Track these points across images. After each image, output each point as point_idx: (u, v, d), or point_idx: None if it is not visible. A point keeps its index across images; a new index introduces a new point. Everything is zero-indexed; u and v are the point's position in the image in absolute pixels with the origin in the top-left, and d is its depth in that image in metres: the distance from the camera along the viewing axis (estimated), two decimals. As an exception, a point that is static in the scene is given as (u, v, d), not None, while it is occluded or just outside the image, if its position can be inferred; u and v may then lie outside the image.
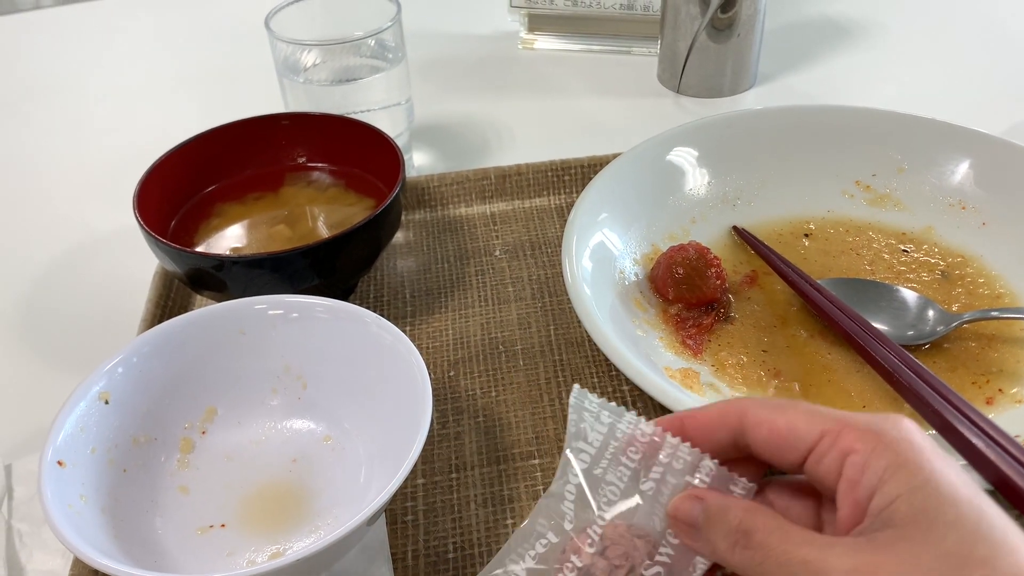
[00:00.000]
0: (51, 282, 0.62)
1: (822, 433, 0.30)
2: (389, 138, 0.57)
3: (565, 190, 0.65)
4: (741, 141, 0.61)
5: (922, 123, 0.60)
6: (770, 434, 0.31)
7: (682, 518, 0.31)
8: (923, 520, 0.26)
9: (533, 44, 0.89)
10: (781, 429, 0.31)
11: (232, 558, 0.40)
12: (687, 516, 0.31)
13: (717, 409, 0.32)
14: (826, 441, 0.29)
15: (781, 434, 0.30)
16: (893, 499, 0.27)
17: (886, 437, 0.28)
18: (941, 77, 0.82)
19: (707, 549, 0.31)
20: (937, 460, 0.28)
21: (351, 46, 0.63)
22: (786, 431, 0.30)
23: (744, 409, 0.32)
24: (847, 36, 0.89)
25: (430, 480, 0.46)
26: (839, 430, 0.29)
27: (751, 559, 0.29)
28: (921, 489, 0.27)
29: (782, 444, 0.31)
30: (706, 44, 0.76)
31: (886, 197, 0.60)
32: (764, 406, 0.31)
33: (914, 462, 0.28)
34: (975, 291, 0.54)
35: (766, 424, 0.31)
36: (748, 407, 0.32)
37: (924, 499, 0.27)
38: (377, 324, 0.45)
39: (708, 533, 0.30)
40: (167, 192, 0.56)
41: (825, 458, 0.29)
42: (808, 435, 0.30)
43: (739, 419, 0.32)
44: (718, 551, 0.30)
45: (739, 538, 0.29)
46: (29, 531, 0.44)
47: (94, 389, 0.42)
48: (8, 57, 0.95)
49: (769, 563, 0.29)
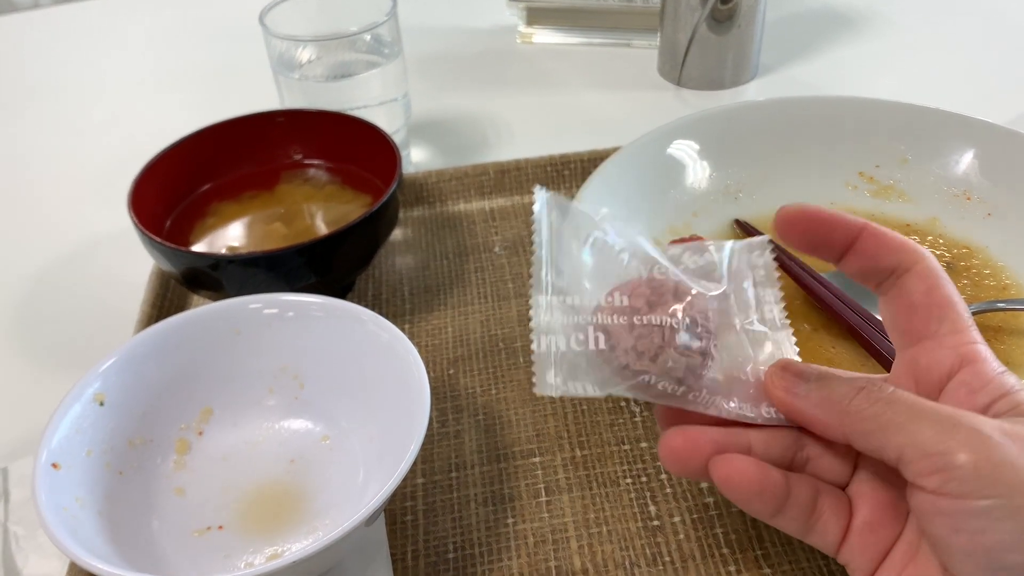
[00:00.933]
0: (46, 283, 0.62)
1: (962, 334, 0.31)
2: (386, 134, 0.56)
3: (565, 185, 0.65)
4: (743, 133, 0.61)
5: (926, 113, 0.59)
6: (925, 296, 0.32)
7: (794, 370, 0.32)
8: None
9: (532, 38, 0.89)
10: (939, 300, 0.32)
11: (229, 560, 0.40)
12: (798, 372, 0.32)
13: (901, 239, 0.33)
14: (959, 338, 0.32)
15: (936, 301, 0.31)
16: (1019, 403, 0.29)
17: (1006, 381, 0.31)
18: (945, 66, 0.81)
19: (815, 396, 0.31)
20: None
21: (346, 42, 0.63)
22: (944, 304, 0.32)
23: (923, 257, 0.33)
24: (849, 26, 0.89)
25: (430, 479, 0.45)
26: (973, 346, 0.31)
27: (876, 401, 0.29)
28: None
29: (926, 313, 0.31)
30: (706, 36, 0.75)
31: (890, 188, 0.59)
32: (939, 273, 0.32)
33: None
34: (981, 282, 0.53)
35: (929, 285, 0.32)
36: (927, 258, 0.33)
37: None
38: (374, 322, 0.44)
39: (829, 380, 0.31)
40: (162, 191, 0.55)
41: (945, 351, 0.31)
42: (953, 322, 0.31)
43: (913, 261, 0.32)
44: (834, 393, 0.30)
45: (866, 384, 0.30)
46: (25, 534, 0.44)
47: (89, 391, 0.42)
48: (2, 57, 0.95)
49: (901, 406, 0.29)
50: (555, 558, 0.41)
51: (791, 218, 0.34)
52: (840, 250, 0.34)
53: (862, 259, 0.33)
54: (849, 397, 0.30)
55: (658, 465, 0.45)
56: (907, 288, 0.32)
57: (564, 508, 0.43)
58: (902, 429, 0.28)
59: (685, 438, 0.32)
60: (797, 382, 0.31)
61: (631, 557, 0.41)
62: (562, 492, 0.44)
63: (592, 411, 0.48)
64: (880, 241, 0.33)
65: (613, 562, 0.41)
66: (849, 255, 0.33)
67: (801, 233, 0.34)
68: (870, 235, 0.33)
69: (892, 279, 0.33)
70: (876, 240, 0.33)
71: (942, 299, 0.32)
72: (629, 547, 0.41)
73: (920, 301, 0.32)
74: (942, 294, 0.32)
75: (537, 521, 0.43)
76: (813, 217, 0.33)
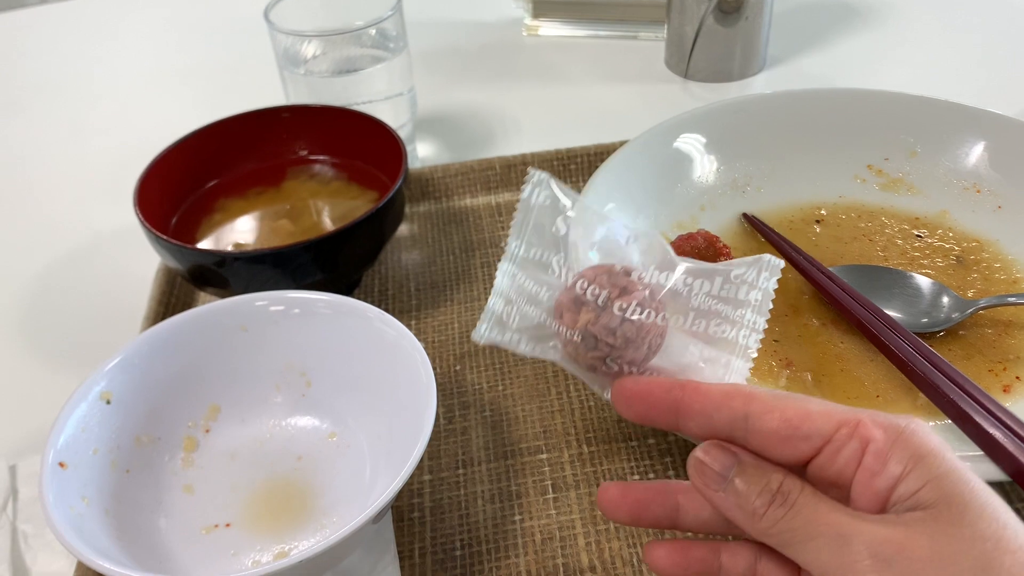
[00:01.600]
0: (52, 281, 0.62)
1: (839, 424, 0.29)
2: (392, 129, 0.56)
3: (571, 179, 0.64)
4: (750, 126, 0.60)
5: (935, 105, 0.59)
6: (781, 423, 0.30)
7: (711, 464, 0.31)
8: (954, 504, 0.27)
9: (538, 30, 0.88)
10: (793, 419, 0.30)
11: (237, 558, 0.40)
12: (720, 464, 0.31)
13: (722, 388, 0.31)
14: (844, 431, 0.29)
15: (793, 424, 0.30)
16: (920, 486, 0.27)
17: (905, 430, 0.28)
18: (954, 58, 0.81)
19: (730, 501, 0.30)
20: (952, 454, 0.28)
21: (352, 36, 0.62)
22: (799, 421, 0.30)
23: (752, 395, 0.31)
24: (858, 17, 0.88)
25: (436, 476, 0.45)
26: (856, 422, 0.29)
27: (781, 517, 0.29)
28: (947, 476, 0.27)
29: (793, 434, 0.30)
30: (714, 28, 0.75)
31: (899, 181, 0.59)
32: (773, 395, 0.31)
33: (936, 452, 0.28)
34: (991, 276, 0.53)
35: (777, 412, 0.30)
36: (757, 393, 0.31)
37: (951, 484, 0.27)
38: (380, 319, 0.44)
39: (742, 487, 0.30)
40: (168, 188, 0.55)
41: (844, 448, 0.29)
42: (824, 425, 0.29)
43: (745, 404, 0.30)
44: (748, 506, 0.30)
45: (775, 495, 0.29)
46: (34, 533, 0.44)
47: (95, 389, 0.42)
48: (7, 54, 0.95)
49: (798, 521, 0.29)
50: (563, 555, 0.41)
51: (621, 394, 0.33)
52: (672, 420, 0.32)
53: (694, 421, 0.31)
54: (762, 510, 0.29)
55: (666, 461, 0.45)
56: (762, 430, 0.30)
57: (572, 505, 0.43)
58: (801, 547, 0.29)
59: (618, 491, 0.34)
60: (716, 479, 0.31)
61: (638, 554, 0.41)
62: (569, 489, 0.44)
63: (599, 407, 0.48)
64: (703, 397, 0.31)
65: (621, 559, 0.41)
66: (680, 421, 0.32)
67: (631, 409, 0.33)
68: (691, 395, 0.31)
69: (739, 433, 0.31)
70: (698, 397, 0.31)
71: (796, 415, 0.30)
72: (637, 544, 0.41)
73: (782, 430, 0.30)
74: (793, 411, 0.30)
75: (544, 518, 0.43)
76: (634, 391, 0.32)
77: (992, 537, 0.26)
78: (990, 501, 0.27)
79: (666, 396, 0.32)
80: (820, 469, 0.30)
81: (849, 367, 0.48)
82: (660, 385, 0.32)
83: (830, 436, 0.29)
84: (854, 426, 0.29)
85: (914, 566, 0.26)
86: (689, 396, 0.31)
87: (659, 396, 0.32)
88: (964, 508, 0.27)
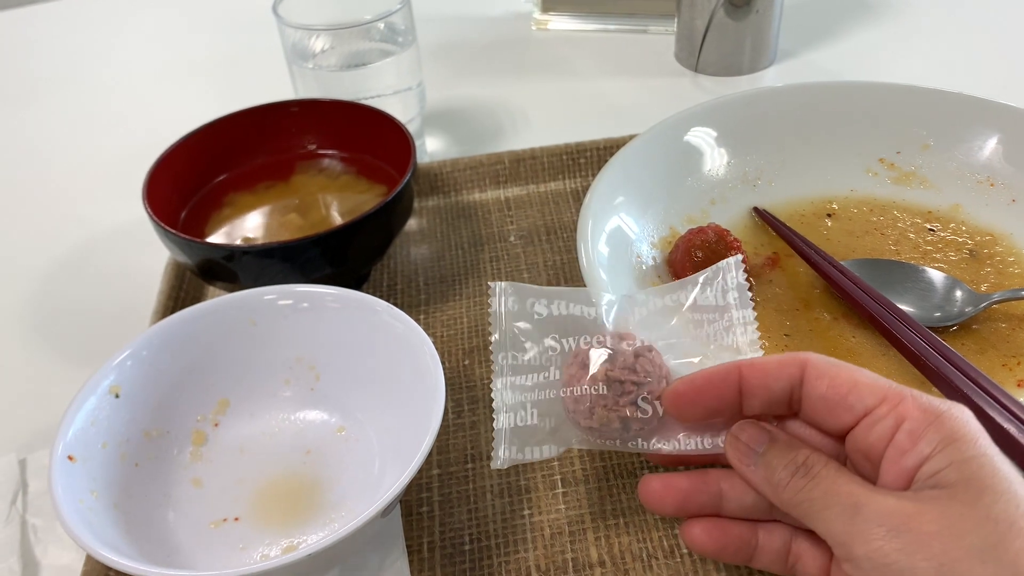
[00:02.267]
0: (62, 275, 0.62)
1: (883, 398, 0.30)
2: (400, 124, 0.56)
3: (580, 173, 0.64)
4: (761, 120, 0.60)
5: (947, 97, 0.58)
6: (830, 389, 0.31)
7: (746, 440, 0.32)
8: (973, 486, 0.27)
9: (547, 24, 0.88)
10: (843, 385, 0.31)
11: (246, 552, 0.40)
12: (753, 439, 0.32)
13: (777, 359, 0.33)
14: (885, 407, 0.30)
15: (841, 391, 0.31)
16: (945, 466, 0.28)
17: (944, 414, 0.29)
18: (967, 50, 0.80)
19: (760, 474, 0.32)
20: (989, 441, 0.29)
21: (360, 30, 0.62)
22: (847, 389, 0.31)
23: (807, 359, 0.32)
24: (869, 10, 0.87)
25: (445, 470, 0.45)
26: (899, 399, 0.30)
27: (802, 487, 0.30)
28: (974, 460, 0.28)
29: (840, 402, 0.31)
30: (724, 21, 0.75)
31: (911, 175, 0.58)
32: (827, 361, 0.32)
33: (969, 436, 0.29)
34: (1005, 270, 0.52)
35: (828, 378, 0.31)
36: (812, 358, 0.32)
37: (977, 468, 0.28)
38: (388, 313, 0.44)
39: (771, 459, 0.31)
40: (177, 183, 0.55)
41: (880, 423, 0.30)
42: (869, 397, 0.30)
43: (800, 369, 0.32)
44: (774, 477, 0.31)
45: (801, 468, 0.31)
46: (44, 526, 0.44)
47: (104, 383, 0.42)
48: (17, 49, 0.95)
49: (817, 491, 0.30)
50: (572, 550, 0.41)
51: (677, 397, 0.34)
52: (733, 402, 0.33)
53: (756, 396, 0.33)
54: (786, 481, 0.31)
55: (676, 456, 0.44)
56: (812, 395, 0.32)
57: (581, 499, 0.43)
58: (818, 517, 0.30)
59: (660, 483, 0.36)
60: (749, 453, 0.32)
61: (648, 549, 0.40)
62: (579, 483, 0.44)
63: (609, 402, 0.47)
64: (760, 371, 0.33)
65: (631, 554, 0.40)
66: (744, 400, 0.33)
67: (691, 406, 0.34)
68: (748, 372, 0.33)
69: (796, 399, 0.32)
70: (756, 372, 0.33)
71: (844, 384, 0.31)
72: (647, 539, 0.41)
73: (829, 396, 0.31)
74: (843, 379, 0.31)
75: (554, 512, 0.42)
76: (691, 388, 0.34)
77: (1006, 520, 0.26)
78: (1014, 488, 0.27)
79: (727, 381, 0.33)
80: (856, 440, 0.31)
81: (862, 362, 0.47)
82: (715, 374, 0.33)
83: (871, 408, 0.30)
84: (895, 403, 0.30)
85: (921, 539, 0.27)
86: (748, 372, 0.33)
87: (720, 383, 0.33)
88: (982, 491, 0.27)
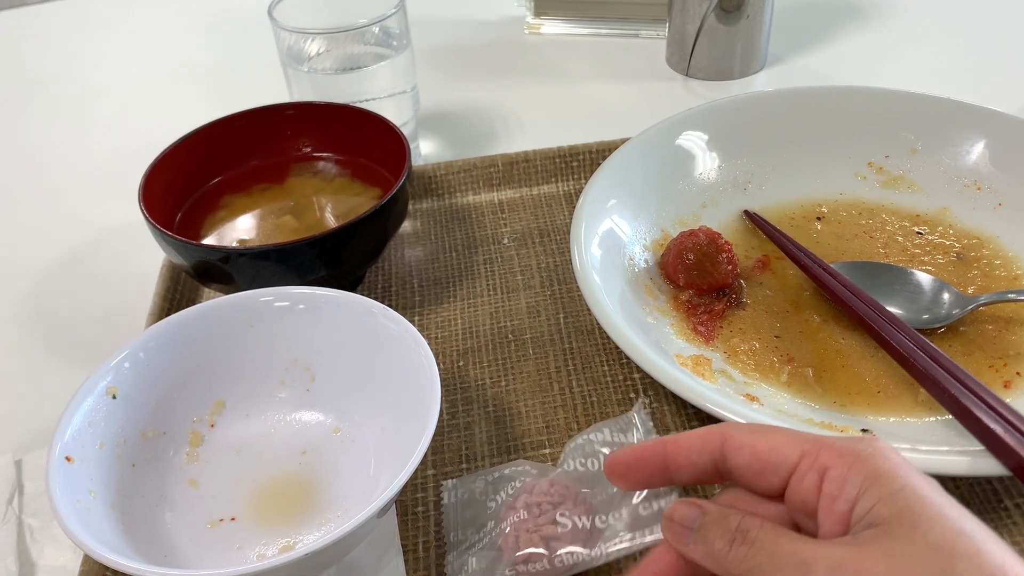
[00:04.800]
0: (58, 277, 0.62)
1: (802, 454, 0.31)
2: (395, 127, 0.56)
3: (573, 176, 0.65)
4: (751, 124, 0.61)
5: (935, 102, 0.59)
6: (752, 457, 0.32)
7: (679, 520, 0.33)
8: (906, 518, 0.28)
9: (540, 29, 0.88)
10: (762, 452, 0.32)
11: (242, 552, 0.40)
12: (685, 518, 0.33)
13: (699, 434, 0.34)
14: (806, 461, 0.31)
15: (762, 457, 0.32)
16: (874, 503, 0.29)
17: (862, 454, 0.30)
18: (955, 55, 0.81)
19: (700, 549, 0.32)
20: (911, 470, 0.29)
21: (355, 34, 0.63)
22: (767, 454, 0.32)
23: (726, 433, 0.33)
24: (858, 15, 0.88)
25: (440, 471, 0.45)
26: (817, 450, 0.31)
27: (745, 554, 0.30)
28: (900, 492, 0.28)
29: (763, 467, 0.32)
30: (715, 26, 0.75)
31: (900, 179, 0.59)
32: (745, 430, 0.33)
33: (890, 471, 0.29)
34: (991, 273, 0.53)
35: (747, 447, 0.32)
36: (730, 431, 0.33)
37: (904, 500, 0.28)
38: (384, 315, 0.44)
39: (707, 533, 0.32)
40: (173, 185, 0.55)
41: (806, 477, 0.31)
42: (789, 457, 0.31)
43: (720, 443, 0.33)
44: (714, 550, 0.31)
45: (737, 536, 0.31)
46: (40, 526, 0.44)
47: (101, 384, 0.42)
48: (12, 51, 0.95)
49: (762, 556, 0.30)
50: (565, 549, 0.41)
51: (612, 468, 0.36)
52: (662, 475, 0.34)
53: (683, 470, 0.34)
54: (726, 551, 0.31)
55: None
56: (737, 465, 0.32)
57: (574, 499, 0.43)
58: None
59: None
60: (684, 532, 0.32)
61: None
62: (572, 483, 0.44)
63: (602, 403, 0.48)
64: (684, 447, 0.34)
65: (623, 553, 0.41)
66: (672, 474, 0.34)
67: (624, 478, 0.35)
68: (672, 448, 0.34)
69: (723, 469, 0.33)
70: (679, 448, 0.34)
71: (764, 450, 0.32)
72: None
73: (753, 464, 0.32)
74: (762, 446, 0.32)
75: (547, 512, 0.43)
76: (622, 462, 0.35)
77: (946, 547, 0.27)
78: (944, 512, 0.28)
79: (654, 456, 0.34)
80: (792, 498, 0.31)
81: (850, 363, 0.48)
82: (644, 448, 0.35)
83: (795, 466, 0.31)
84: (815, 455, 0.31)
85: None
86: (671, 449, 0.34)
87: (649, 459, 0.34)
88: (916, 521, 0.27)
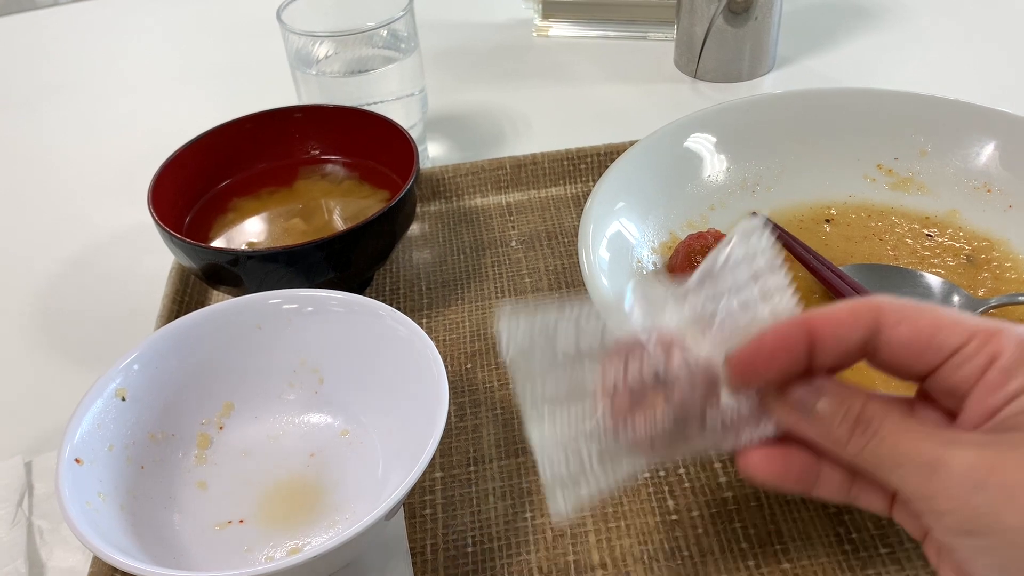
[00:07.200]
0: (68, 279, 0.62)
1: (971, 335, 0.28)
2: (403, 129, 0.56)
3: (581, 179, 0.65)
4: (760, 126, 0.60)
5: (945, 104, 0.58)
6: (912, 334, 0.29)
7: (797, 397, 0.30)
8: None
9: (547, 31, 0.88)
10: (925, 329, 0.29)
11: (250, 554, 0.40)
12: (803, 392, 0.30)
13: (846, 308, 0.30)
14: (974, 344, 0.28)
15: (924, 335, 0.29)
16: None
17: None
18: (965, 57, 0.81)
19: (818, 430, 0.30)
20: None
21: (363, 37, 0.63)
22: (930, 331, 0.29)
23: (880, 306, 0.29)
24: (867, 16, 0.88)
25: (448, 473, 0.45)
26: (991, 335, 0.28)
27: (866, 445, 0.29)
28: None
29: (924, 346, 0.29)
30: (723, 28, 0.75)
31: (909, 181, 0.59)
32: (899, 306, 0.29)
33: None
34: (1002, 275, 0.52)
35: (908, 323, 0.29)
36: (885, 304, 0.30)
37: None
38: (392, 317, 0.44)
39: (826, 412, 0.30)
40: (182, 187, 0.56)
41: (969, 362, 0.28)
42: (954, 337, 0.28)
43: (874, 317, 0.29)
44: (833, 434, 0.29)
45: (859, 424, 0.29)
46: (49, 528, 0.45)
47: (111, 386, 0.42)
48: (23, 55, 0.95)
49: (884, 448, 0.28)
50: (574, 552, 0.41)
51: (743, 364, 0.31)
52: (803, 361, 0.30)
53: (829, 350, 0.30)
54: (846, 437, 0.29)
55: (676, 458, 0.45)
56: (892, 342, 0.29)
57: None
58: (891, 475, 0.29)
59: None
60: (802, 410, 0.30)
61: (649, 552, 0.41)
62: (580, 486, 0.44)
63: (610, 405, 0.48)
64: (832, 322, 0.30)
65: (632, 556, 0.41)
66: (816, 356, 0.30)
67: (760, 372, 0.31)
68: (820, 324, 0.30)
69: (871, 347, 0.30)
70: (828, 323, 0.30)
71: (927, 326, 0.29)
72: (648, 541, 0.41)
73: (913, 342, 0.29)
74: (925, 322, 0.29)
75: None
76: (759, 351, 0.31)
77: None
78: None
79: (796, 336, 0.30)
80: (941, 378, 0.29)
81: (860, 365, 0.47)
82: (783, 332, 0.30)
83: (959, 347, 0.28)
84: (986, 339, 0.28)
85: (1007, 491, 0.26)
86: (819, 325, 0.30)
87: (791, 341, 0.30)
88: None
